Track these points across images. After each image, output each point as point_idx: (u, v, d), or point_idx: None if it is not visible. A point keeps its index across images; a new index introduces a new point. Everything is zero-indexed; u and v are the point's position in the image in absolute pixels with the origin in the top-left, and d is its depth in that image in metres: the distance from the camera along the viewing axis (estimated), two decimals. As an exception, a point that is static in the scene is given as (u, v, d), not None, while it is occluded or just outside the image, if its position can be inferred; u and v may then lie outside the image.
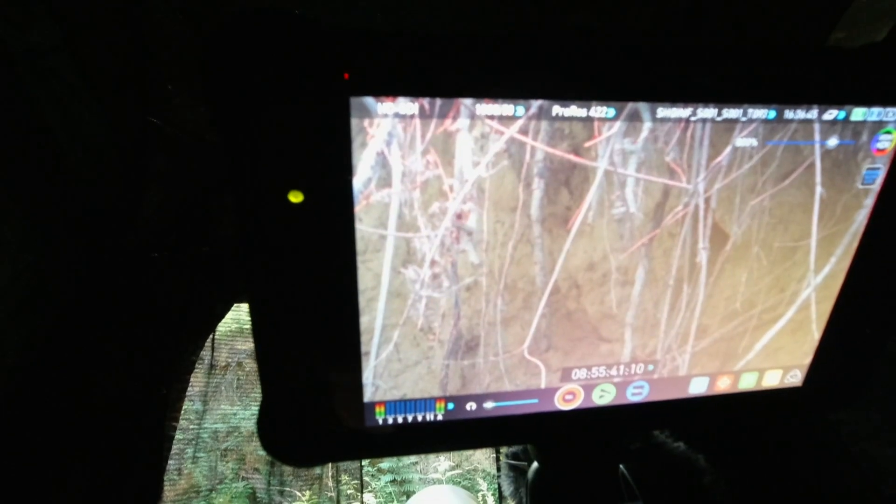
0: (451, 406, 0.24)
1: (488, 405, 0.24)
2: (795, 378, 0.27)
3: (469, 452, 3.89)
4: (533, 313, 0.23)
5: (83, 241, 0.78)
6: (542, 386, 0.25)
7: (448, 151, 0.20)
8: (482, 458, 3.65)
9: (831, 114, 0.22)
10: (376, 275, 0.21)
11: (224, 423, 2.54)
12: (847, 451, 0.55)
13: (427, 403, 0.24)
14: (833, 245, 0.24)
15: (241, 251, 0.20)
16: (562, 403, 0.25)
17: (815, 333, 0.26)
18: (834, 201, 0.23)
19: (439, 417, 0.24)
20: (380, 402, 0.23)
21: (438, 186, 0.20)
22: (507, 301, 0.23)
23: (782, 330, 0.26)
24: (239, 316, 2.34)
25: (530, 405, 0.25)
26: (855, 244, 0.25)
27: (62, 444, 0.76)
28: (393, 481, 3.67)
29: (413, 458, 3.95)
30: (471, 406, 0.24)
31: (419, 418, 0.24)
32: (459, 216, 0.21)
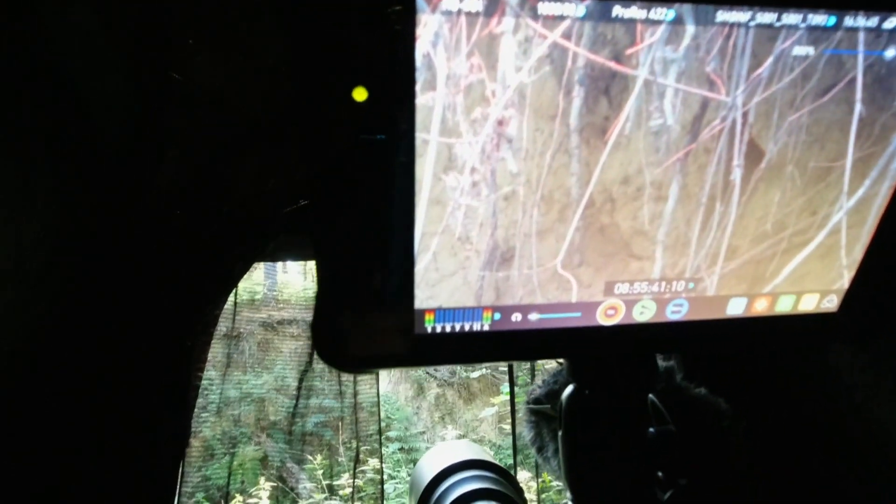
0: (497, 316, 0.25)
1: (533, 317, 0.25)
2: (831, 304, 0.28)
3: (475, 423, 3.96)
4: (567, 226, 0.24)
5: (106, 196, 0.80)
6: (574, 300, 0.25)
7: (492, 55, 0.20)
8: (488, 430, 3.72)
9: (877, 21, 0.22)
10: (417, 181, 0.22)
11: (237, 390, 2.61)
12: (858, 413, 0.55)
13: (475, 313, 0.25)
14: (868, 167, 0.25)
15: (306, 152, 0.21)
16: (603, 318, 0.26)
17: (844, 259, 0.27)
18: (872, 120, 0.23)
19: (486, 328, 0.25)
20: (429, 310, 0.24)
21: (481, 91, 0.21)
22: (542, 212, 0.23)
23: (811, 255, 0.26)
24: (252, 287, 2.38)
25: (573, 319, 0.26)
26: (891, 167, 0.25)
27: (93, 395, 0.79)
28: (401, 449, 3.76)
29: (420, 428, 4.04)
30: (516, 317, 0.25)
31: (466, 328, 0.25)
32: (500, 122, 0.21)
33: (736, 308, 0.27)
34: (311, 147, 0.22)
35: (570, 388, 0.31)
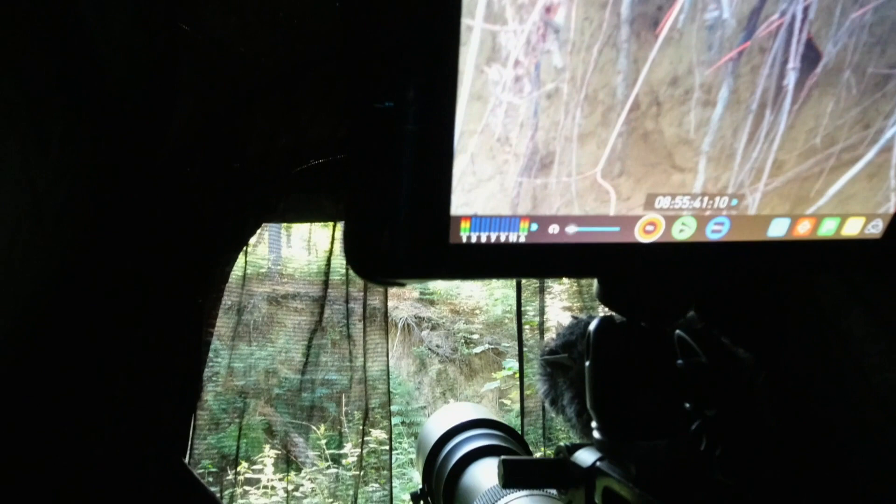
0: (534, 227, 0.24)
1: (570, 230, 0.24)
2: (876, 229, 0.27)
3: (476, 399, 4.01)
4: (610, 130, 0.23)
5: (119, 145, 0.78)
6: (612, 213, 0.24)
7: (543, -70, 0.19)
8: (490, 405, 3.76)
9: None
10: (459, 72, 0.21)
11: (241, 362, 2.64)
12: (868, 380, 0.55)
13: (511, 222, 0.24)
14: (928, 77, 0.23)
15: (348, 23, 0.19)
16: (642, 235, 0.25)
17: (893, 181, 0.26)
18: (938, 23, 0.22)
19: (522, 239, 0.24)
20: (465, 217, 0.23)
21: (529, -28, 0.19)
22: (585, 114, 0.22)
23: (859, 174, 0.25)
24: (256, 261, 2.38)
25: (611, 234, 0.25)
26: (951, 77, 0.23)
27: (106, 346, 0.79)
28: (402, 423, 3.82)
29: (421, 403, 4.09)
30: (553, 229, 0.24)
31: (502, 238, 0.24)
32: (548, 10, 0.20)
33: (777, 230, 0.26)
34: (354, 34, 0.21)
35: (599, 318, 0.31)
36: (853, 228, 0.27)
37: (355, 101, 0.22)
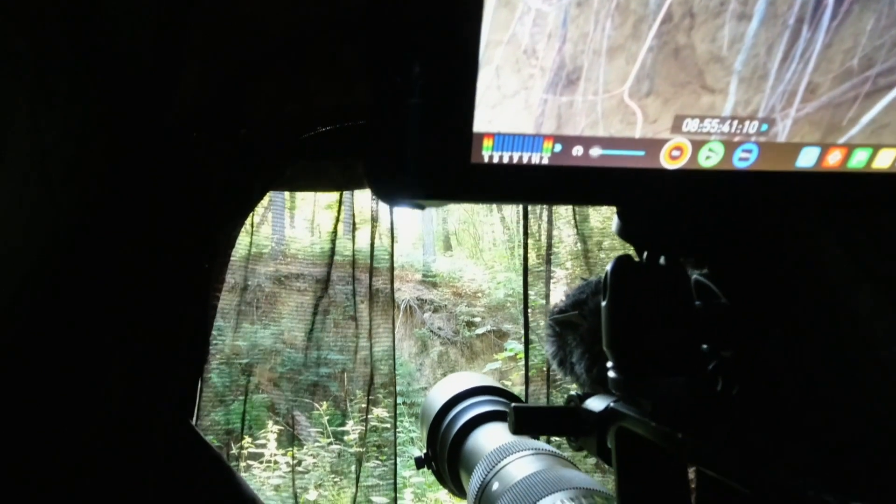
0: (558, 148, 0.23)
1: (595, 152, 0.24)
2: None
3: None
4: (640, 44, 0.22)
5: (127, 105, 0.77)
6: (638, 136, 0.24)
7: None
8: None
9: None
10: (486, -27, 0.20)
11: (245, 341, 2.66)
12: (874, 353, 0.54)
13: (535, 142, 0.23)
14: (973, -5, 0.22)
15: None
16: (667, 160, 0.24)
17: (928, 109, 0.25)
18: None
19: (545, 161, 0.23)
20: (488, 135, 0.23)
21: None
22: (616, 25, 0.21)
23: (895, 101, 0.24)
24: (259, 241, 2.38)
25: (636, 158, 0.24)
26: None
27: (114, 310, 0.79)
28: (403, 403, 3.86)
29: (422, 384, 4.13)
30: (577, 151, 0.24)
31: (525, 159, 0.23)
32: None
33: (807, 160, 0.25)
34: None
35: (616, 258, 0.30)
36: (885, 161, 0.26)
37: (376, 9, 0.21)
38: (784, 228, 0.30)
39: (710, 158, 0.25)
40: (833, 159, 0.26)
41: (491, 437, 0.65)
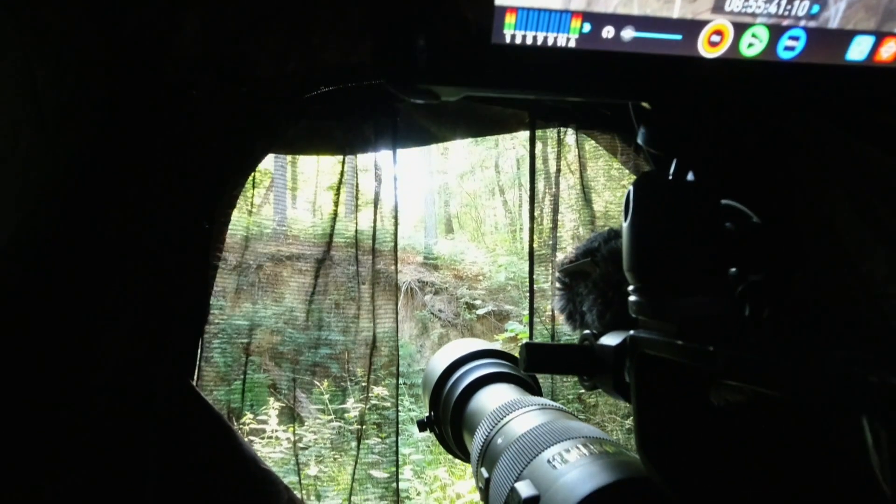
0: (587, 28, 0.21)
1: (627, 34, 0.21)
2: None
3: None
4: None
5: (122, 60, 0.75)
6: (676, 16, 0.22)
7: None
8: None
9: None
10: None
11: (246, 321, 2.66)
12: (886, 319, 0.53)
13: (562, 19, 0.21)
14: None
15: None
16: (706, 47, 0.22)
17: None
18: None
19: (572, 43, 0.21)
20: (511, 9, 0.20)
21: None
22: None
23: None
24: (261, 221, 2.37)
25: (672, 44, 0.22)
26: None
27: (114, 270, 0.77)
28: (404, 384, 3.88)
29: (422, 365, 4.14)
30: (608, 32, 0.21)
31: (550, 40, 0.21)
32: None
33: (858, 51, 0.23)
34: None
35: (640, 175, 0.28)
36: (943, 56, 0.24)
37: None
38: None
39: (752, 46, 0.23)
40: (887, 52, 0.23)
41: (495, 397, 0.64)
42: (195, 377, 0.83)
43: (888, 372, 0.15)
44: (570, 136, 1.30)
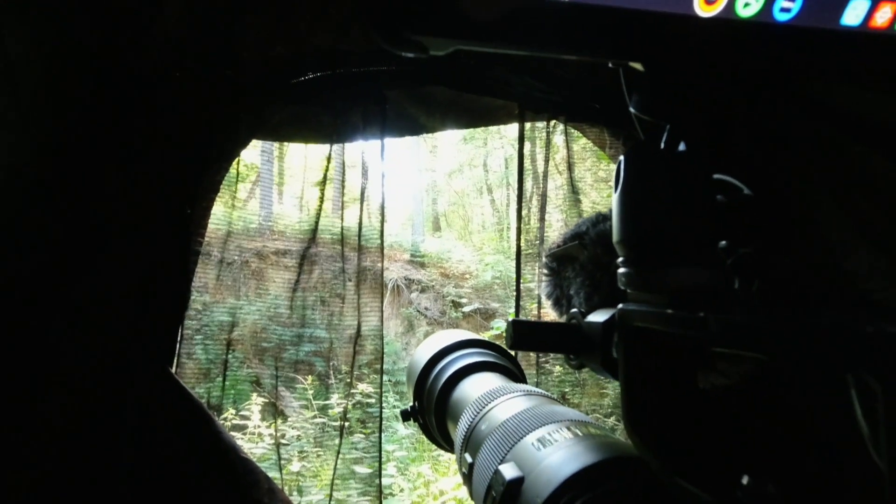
0: None
1: None
2: None
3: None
4: None
5: (102, 45, 0.72)
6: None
7: None
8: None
9: None
10: None
11: (230, 316, 2.62)
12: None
13: None
14: None
15: None
16: (702, 5, 0.22)
17: None
18: None
19: None
20: None
21: None
22: None
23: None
24: (246, 216, 2.33)
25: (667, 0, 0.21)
26: None
27: (89, 256, 0.75)
28: (389, 381, 3.86)
29: (407, 363, 4.14)
30: None
31: None
32: None
33: (854, 16, 0.23)
34: None
35: (631, 145, 0.28)
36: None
37: None
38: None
39: (748, 6, 0.22)
40: (882, 18, 0.23)
41: (479, 385, 0.63)
42: (174, 365, 0.81)
43: (884, 322, 0.14)
44: (558, 136, 1.29)
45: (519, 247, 1.21)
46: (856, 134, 0.32)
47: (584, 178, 1.45)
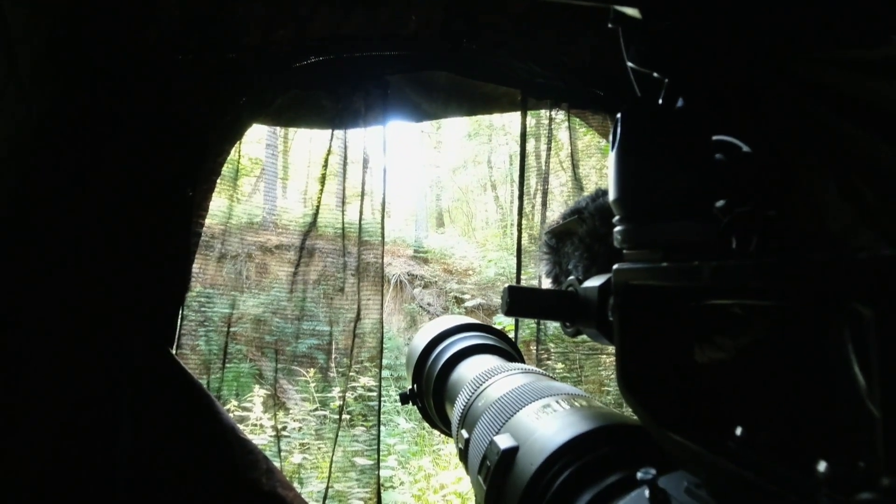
0: None
1: None
2: None
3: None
4: None
5: (105, 30, 0.72)
6: None
7: None
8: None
9: None
10: None
11: (233, 309, 2.62)
12: None
13: None
14: None
15: None
16: None
17: None
18: None
19: None
20: None
21: None
22: None
23: None
24: (249, 210, 2.34)
25: None
26: None
27: (91, 238, 0.75)
28: (391, 376, 3.87)
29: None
30: None
31: None
32: None
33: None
34: None
35: (626, 105, 0.28)
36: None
37: None
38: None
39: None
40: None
41: (476, 366, 0.63)
42: (174, 346, 0.81)
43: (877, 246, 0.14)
44: (563, 132, 1.28)
45: (520, 232, 1.20)
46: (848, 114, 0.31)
47: (589, 175, 1.44)
